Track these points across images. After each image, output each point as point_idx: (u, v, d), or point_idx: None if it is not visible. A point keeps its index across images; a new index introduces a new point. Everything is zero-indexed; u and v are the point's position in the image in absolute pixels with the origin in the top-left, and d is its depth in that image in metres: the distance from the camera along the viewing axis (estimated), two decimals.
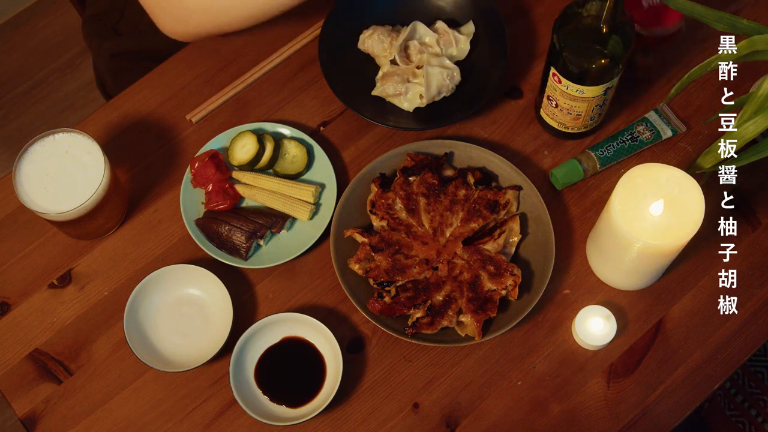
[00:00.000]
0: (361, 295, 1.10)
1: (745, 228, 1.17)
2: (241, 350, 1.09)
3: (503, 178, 1.18)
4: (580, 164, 1.17)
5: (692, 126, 1.22)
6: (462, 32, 1.25)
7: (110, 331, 1.14)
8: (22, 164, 1.10)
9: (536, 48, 1.28)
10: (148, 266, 1.16)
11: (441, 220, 1.14)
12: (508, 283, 1.09)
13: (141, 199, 1.21)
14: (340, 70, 1.23)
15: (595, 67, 1.05)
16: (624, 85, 1.23)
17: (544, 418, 1.09)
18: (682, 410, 1.09)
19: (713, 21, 1.05)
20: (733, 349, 1.11)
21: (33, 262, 1.17)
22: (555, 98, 1.13)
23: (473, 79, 1.24)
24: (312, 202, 1.17)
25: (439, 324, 1.08)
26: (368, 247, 1.11)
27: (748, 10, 1.29)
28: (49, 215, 1.07)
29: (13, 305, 1.15)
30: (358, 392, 1.10)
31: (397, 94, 1.22)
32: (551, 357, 1.11)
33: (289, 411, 1.08)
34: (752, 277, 1.14)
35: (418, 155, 1.17)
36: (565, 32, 1.04)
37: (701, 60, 1.15)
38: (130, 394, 1.11)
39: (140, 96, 1.27)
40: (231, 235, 1.13)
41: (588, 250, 1.16)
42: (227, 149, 1.19)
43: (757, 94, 0.99)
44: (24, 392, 1.11)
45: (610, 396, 1.10)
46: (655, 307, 1.13)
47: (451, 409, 1.10)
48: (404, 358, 1.12)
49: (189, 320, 1.13)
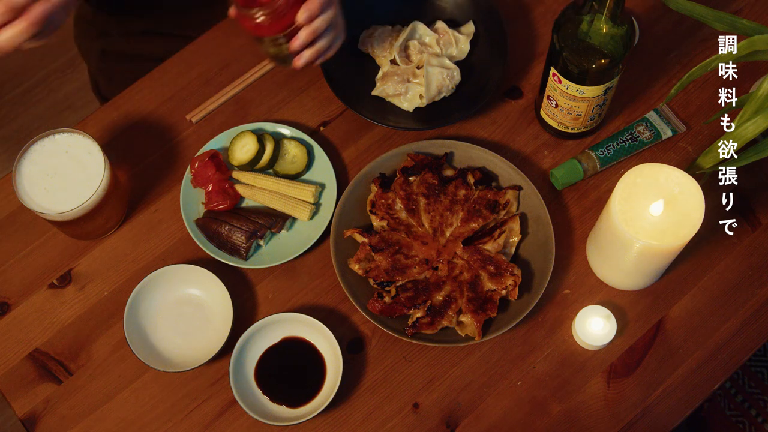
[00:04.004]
0: (361, 295, 1.10)
1: (745, 228, 1.17)
2: (241, 350, 1.09)
3: (503, 178, 1.18)
4: (580, 164, 1.17)
5: (692, 126, 1.22)
6: (462, 32, 1.25)
7: (110, 331, 1.14)
8: (22, 164, 1.10)
9: (536, 48, 1.28)
10: (148, 266, 1.16)
11: (441, 220, 1.14)
12: (508, 283, 1.09)
13: (141, 199, 1.21)
14: (340, 70, 1.23)
15: (595, 67, 1.05)
16: (624, 85, 1.23)
17: (544, 418, 1.09)
18: (682, 410, 1.09)
19: (713, 21, 1.05)
20: (733, 349, 1.11)
21: (33, 262, 1.17)
22: (555, 98, 1.13)
23: (473, 79, 1.24)
24: (312, 202, 1.17)
25: (439, 324, 1.08)
26: (368, 247, 1.11)
27: (748, 10, 1.29)
28: (49, 215, 1.07)
29: (13, 305, 1.15)
30: (358, 392, 1.10)
31: (397, 94, 1.22)
32: (551, 357, 1.11)
33: (289, 411, 1.08)
34: (752, 277, 1.14)
35: (418, 155, 1.17)
36: (565, 32, 1.04)
37: (701, 60, 1.15)
38: (130, 394, 1.11)
39: (140, 96, 1.27)
40: (231, 235, 1.13)
41: (588, 250, 1.16)
42: (227, 149, 1.19)
43: (757, 94, 0.99)
44: (24, 392, 1.11)
45: (610, 396, 1.10)
46: (655, 307, 1.13)
47: (451, 409, 1.10)
48: (404, 358, 1.12)
49: (189, 320, 1.13)
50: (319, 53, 1.07)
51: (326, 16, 1.04)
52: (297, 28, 1.03)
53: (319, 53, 1.07)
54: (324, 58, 1.09)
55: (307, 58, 1.06)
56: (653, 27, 1.28)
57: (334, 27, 1.07)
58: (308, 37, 1.03)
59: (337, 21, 1.07)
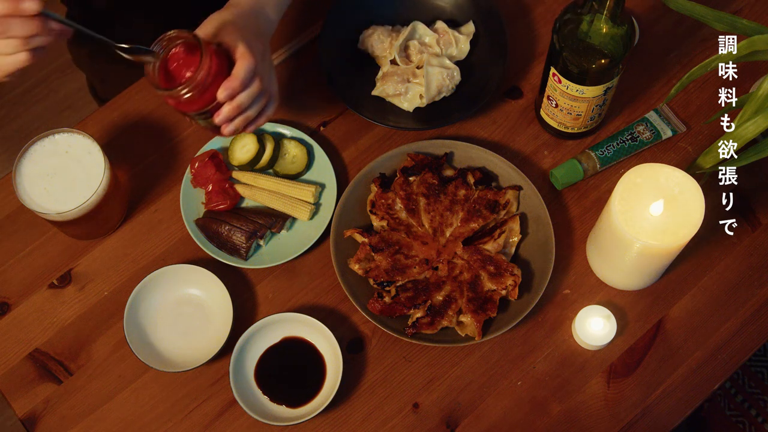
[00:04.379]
0: (361, 295, 1.10)
1: (745, 228, 1.17)
2: (241, 350, 1.09)
3: (503, 178, 1.18)
4: (580, 164, 1.17)
5: (692, 126, 1.22)
6: (462, 32, 1.25)
7: (110, 331, 1.14)
8: (22, 164, 1.10)
9: (536, 48, 1.28)
10: (148, 266, 1.16)
11: (441, 220, 1.14)
12: (508, 283, 1.09)
13: (141, 199, 1.21)
14: (340, 70, 1.23)
15: (595, 67, 1.05)
16: (624, 85, 1.23)
17: (544, 418, 1.09)
18: (682, 410, 1.09)
19: (713, 21, 1.05)
20: (733, 349, 1.11)
21: (33, 262, 1.17)
22: (555, 98, 1.13)
23: (473, 79, 1.24)
24: (312, 202, 1.17)
25: (439, 324, 1.08)
26: (368, 247, 1.11)
27: (748, 10, 1.29)
28: (49, 215, 1.07)
29: (13, 305, 1.15)
30: (358, 392, 1.10)
31: (397, 94, 1.22)
32: (551, 357, 1.11)
33: (289, 411, 1.08)
34: (752, 277, 1.14)
35: (418, 155, 1.17)
36: (565, 32, 1.04)
37: (701, 60, 1.15)
38: (130, 394, 1.11)
39: (140, 96, 1.26)
40: (231, 235, 1.13)
41: (588, 250, 1.16)
42: (227, 149, 1.19)
43: (757, 94, 0.99)
44: (24, 392, 1.11)
45: (610, 396, 1.10)
46: (655, 307, 1.13)
47: (451, 409, 1.10)
48: (404, 358, 1.12)
49: (189, 320, 1.13)
50: (247, 121, 1.01)
51: (250, 91, 0.98)
52: (220, 103, 0.98)
53: (248, 121, 1.02)
54: (256, 125, 1.04)
55: (235, 126, 1.01)
56: (653, 27, 1.28)
57: (264, 95, 1.01)
58: (231, 113, 0.98)
59: (266, 90, 1.01)
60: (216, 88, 0.96)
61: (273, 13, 1.10)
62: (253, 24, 1.03)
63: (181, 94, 0.94)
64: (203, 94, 0.96)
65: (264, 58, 1.01)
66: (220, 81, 0.96)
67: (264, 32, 1.06)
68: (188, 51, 0.97)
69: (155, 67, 0.97)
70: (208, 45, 0.95)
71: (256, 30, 1.03)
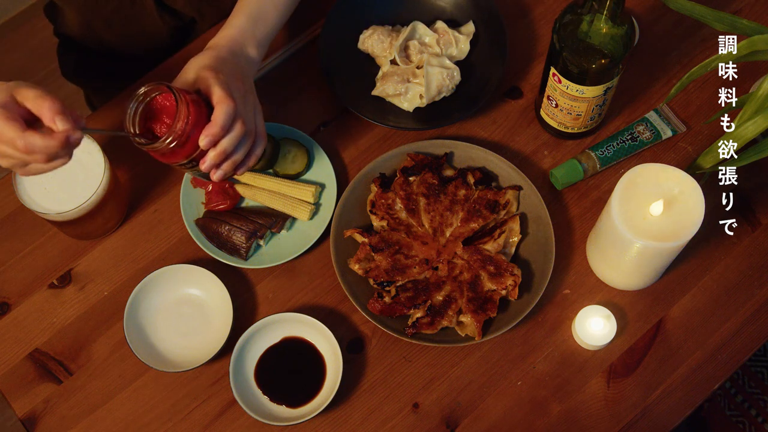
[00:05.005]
0: (361, 295, 1.10)
1: (745, 228, 1.17)
2: (241, 350, 1.09)
3: (503, 178, 1.18)
4: (580, 164, 1.17)
5: (692, 126, 1.22)
6: (462, 32, 1.25)
7: (110, 331, 1.14)
8: None
9: (536, 48, 1.28)
10: (148, 266, 1.16)
11: (441, 220, 1.14)
12: (508, 283, 1.09)
13: (141, 199, 1.21)
14: (340, 70, 1.23)
15: (595, 67, 1.05)
16: (624, 85, 1.23)
17: (544, 418, 1.09)
18: (682, 410, 1.09)
19: (713, 21, 1.05)
20: (733, 349, 1.11)
21: (33, 262, 1.17)
22: (555, 98, 1.13)
23: (473, 79, 1.24)
24: (312, 202, 1.17)
25: (439, 324, 1.08)
26: (368, 247, 1.11)
27: (748, 10, 1.29)
28: (49, 215, 1.07)
29: (13, 305, 1.15)
30: (358, 392, 1.10)
31: (397, 94, 1.22)
32: (551, 357, 1.11)
33: (289, 411, 1.08)
34: (752, 277, 1.14)
35: (418, 155, 1.17)
36: (565, 32, 1.04)
37: (701, 60, 1.15)
38: (130, 394, 1.11)
39: None
40: (231, 235, 1.13)
41: (588, 250, 1.16)
42: None
43: (757, 94, 0.99)
44: (24, 392, 1.11)
45: (610, 396, 1.10)
46: (655, 307, 1.13)
47: (451, 409, 1.10)
48: (404, 358, 1.12)
49: (189, 320, 1.13)
50: (235, 165, 0.98)
51: (232, 135, 0.95)
52: (204, 151, 0.95)
53: (236, 165, 0.99)
54: (246, 167, 1.01)
55: (223, 171, 0.98)
56: (653, 27, 1.28)
57: (249, 137, 0.98)
58: (216, 159, 0.95)
59: (250, 131, 0.98)
60: (197, 137, 0.94)
61: (254, 52, 1.07)
62: (231, 65, 1.01)
63: (162, 146, 0.92)
64: (185, 144, 0.93)
65: (246, 99, 0.98)
66: (200, 129, 0.94)
67: (245, 72, 1.03)
68: (164, 103, 0.95)
69: (134, 122, 0.94)
70: (184, 94, 0.93)
71: (235, 71, 1.00)
